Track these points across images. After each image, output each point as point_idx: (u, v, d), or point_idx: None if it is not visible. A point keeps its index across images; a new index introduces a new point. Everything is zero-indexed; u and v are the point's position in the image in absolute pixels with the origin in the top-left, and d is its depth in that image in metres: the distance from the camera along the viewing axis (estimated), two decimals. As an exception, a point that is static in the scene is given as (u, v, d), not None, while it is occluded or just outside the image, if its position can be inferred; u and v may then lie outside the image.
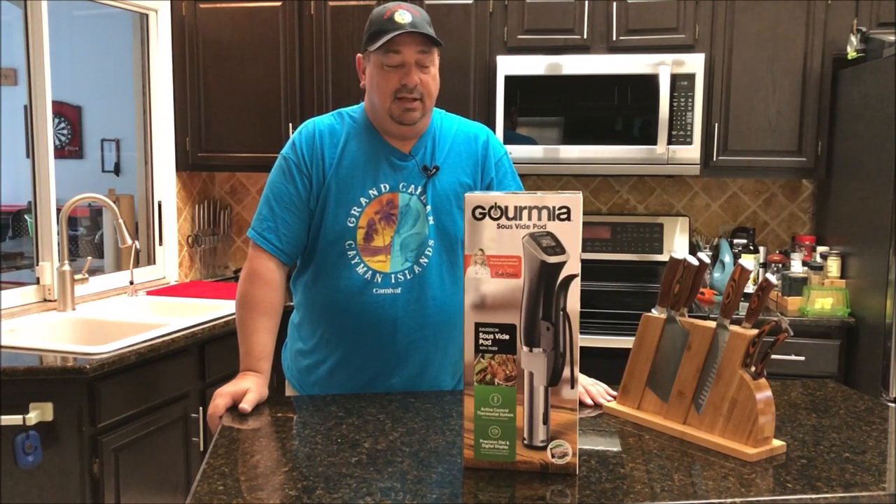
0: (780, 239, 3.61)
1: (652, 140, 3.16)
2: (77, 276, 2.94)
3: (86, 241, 5.02)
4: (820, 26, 3.14)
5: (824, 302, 2.99)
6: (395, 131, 1.77)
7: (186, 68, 3.60)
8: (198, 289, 3.47)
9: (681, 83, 3.13)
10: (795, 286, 3.09)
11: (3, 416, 2.13)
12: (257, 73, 3.54)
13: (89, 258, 3.17)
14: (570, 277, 1.25)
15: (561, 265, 1.25)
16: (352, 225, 1.75)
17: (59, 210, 3.01)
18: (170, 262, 3.70)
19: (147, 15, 3.56)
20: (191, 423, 2.67)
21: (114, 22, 4.10)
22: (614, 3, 3.24)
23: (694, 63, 3.12)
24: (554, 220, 1.25)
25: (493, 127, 3.17)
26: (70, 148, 5.45)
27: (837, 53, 3.14)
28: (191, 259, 3.84)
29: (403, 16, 1.67)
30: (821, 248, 3.21)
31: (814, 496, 1.20)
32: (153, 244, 3.67)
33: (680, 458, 1.36)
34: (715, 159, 3.24)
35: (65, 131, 5.42)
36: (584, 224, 2.79)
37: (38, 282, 3.02)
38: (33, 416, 2.15)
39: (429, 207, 1.77)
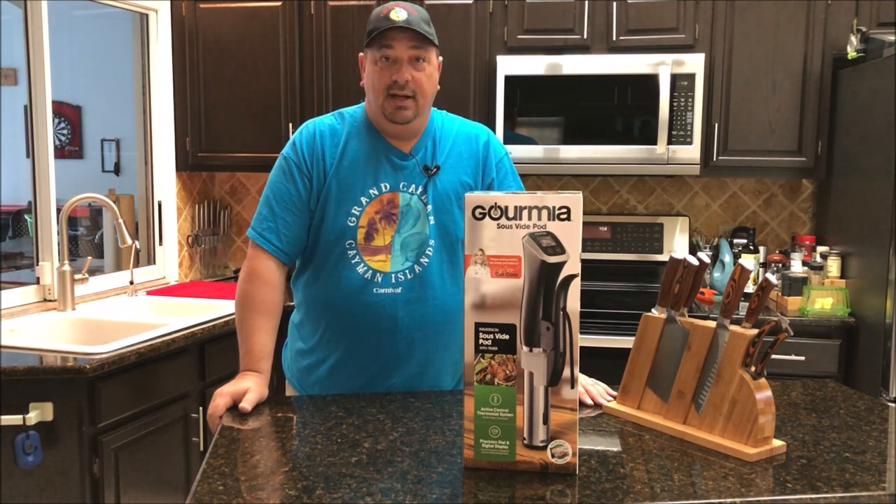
0: (780, 239, 3.61)
1: (652, 140, 3.16)
2: (77, 276, 2.94)
3: (86, 241, 5.01)
4: (820, 26, 3.14)
5: (824, 302, 2.99)
6: (390, 129, 1.78)
7: (186, 68, 3.60)
8: (198, 289, 3.47)
9: (681, 83, 3.13)
10: (795, 286, 3.09)
11: (3, 416, 2.13)
12: (257, 73, 3.54)
13: (89, 258, 3.17)
14: (570, 277, 1.25)
15: (561, 265, 1.25)
16: (352, 224, 1.75)
17: (59, 210, 3.01)
18: (170, 262, 3.70)
19: (147, 15, 3.56)
20: (191, 423, 2.67)
21: (114, 22, 4.10)
22: (614, 3, 3.24)
23: (694, 63, 3.12)
24: (554, 220, 1.25)
25: (493, 127, 3.16)
26: (70, 148, 5.44)
27: (837, 53, 3.14)
28: (191, 259, 3.84)
29: (399, 13, 1.68)
30: (821, 248, 3.21)
31: (814, 496, 1.20)
32: (153, 244, 3.67)
33: (680, 458, 1.36)
34: (715, 159, 3.24)
35: (65, 131, 5.41)
36: (584, 224, 2.79)
37: (38, 282, 3.02)
38: (33, 416, 2.15)
39: (429, 207, 1.77)
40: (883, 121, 2.77)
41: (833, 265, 3.13)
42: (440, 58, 1.79)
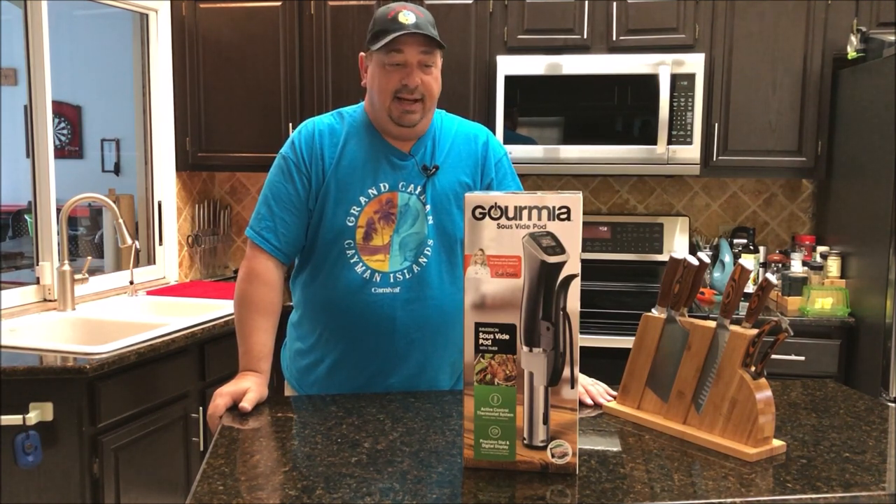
0: (780, 239, 3.61)
1: (652, 140, 3.16)
2: (77, 276, 2.94)
3: (86, 241, 5.01)
4: (820, 26, 3.14)
5: (824, 302, 2.99)
6: (394, 131, 1.77)
7: (186, 68, 3.60)
8: (198, 289, 3.47)
9: (681, 83, 3.13)
10: (795, 286, 3.09)
11: (3, 416, 2.13)
12: (257, 73, 3.54)
13: (89, 258, 3.17)
14: (570, 277, 1.25)
15: (561, 265, 1.25)
16: (351, 224, 1.75)
17: (59, 210, 3.01)
18: (170, 262, 3.70)
19: (147, 15, 3.56)
20: (191, 423, 2.67)
21: (114, 22, 4.10)
22: (614, 3, 3.24)
23: (694, 63, 3.12)
24: (554, 220, 1.25)
25: (493, 127, 3.17)
26: (70, 148, 5.44)
27: (837, 53, 3.13)
28: (191, 259, 3.84)
29: (407, 16, 1.67)
30: (821, 248, 3.21)
31: (814, 496, 1.20)
32: (153, 244, 3.67)
33: (680, 458, 1.36)
34: (715, 159, 3.24)
35: (65, 131, 5.41)
36: (584, 224, 2.79)
37: (38, 282, 3.02)
38: (33, 416, 2.15)
39: (428, 207, 1.77)
40: (883, 121, 2.77)
41: (833, 265, 3.13)
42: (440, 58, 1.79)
